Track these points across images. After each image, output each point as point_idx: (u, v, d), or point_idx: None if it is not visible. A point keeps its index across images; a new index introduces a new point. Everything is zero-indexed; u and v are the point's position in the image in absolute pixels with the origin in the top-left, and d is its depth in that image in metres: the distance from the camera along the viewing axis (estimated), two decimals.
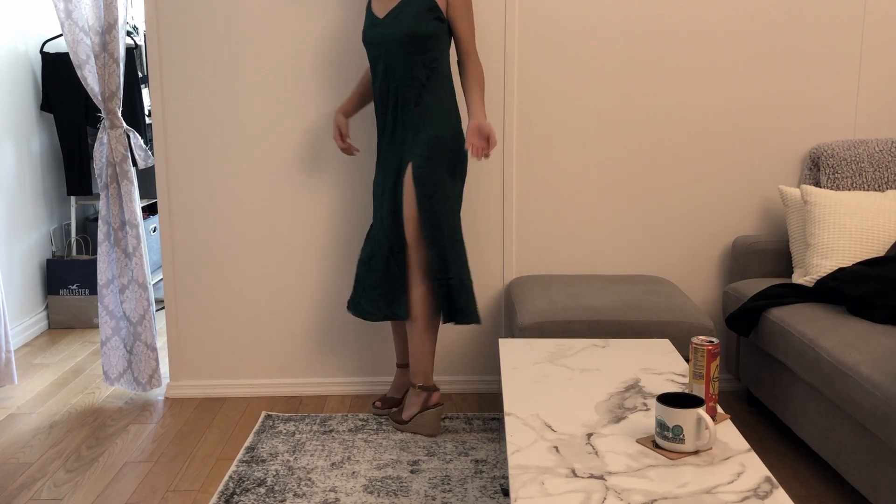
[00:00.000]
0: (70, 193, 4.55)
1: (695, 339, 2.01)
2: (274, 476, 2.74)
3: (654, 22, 3.28)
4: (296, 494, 2.62)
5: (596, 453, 1.84)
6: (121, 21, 3.21)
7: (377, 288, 3.02)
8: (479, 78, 2.93)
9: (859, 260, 2.89)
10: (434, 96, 2.89)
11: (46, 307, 4.50)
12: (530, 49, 3.29)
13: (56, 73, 4.36)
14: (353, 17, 3.24)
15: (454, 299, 2.94)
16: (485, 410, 3.28)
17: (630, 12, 3.28)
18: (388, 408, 3.21)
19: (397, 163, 2.95)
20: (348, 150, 3.13)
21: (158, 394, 3.51)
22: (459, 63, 2.96)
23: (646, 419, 2.00)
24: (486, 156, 2.76)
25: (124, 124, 3.32)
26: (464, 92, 2.95)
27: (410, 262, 2.95)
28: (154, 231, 4.85)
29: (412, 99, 2.88)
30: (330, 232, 3.41)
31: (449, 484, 2.68)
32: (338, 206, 3.39)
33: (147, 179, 4.42)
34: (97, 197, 4.56)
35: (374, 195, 3.09)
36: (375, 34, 2.91)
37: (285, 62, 3.29)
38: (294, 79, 3.30)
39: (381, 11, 2.91)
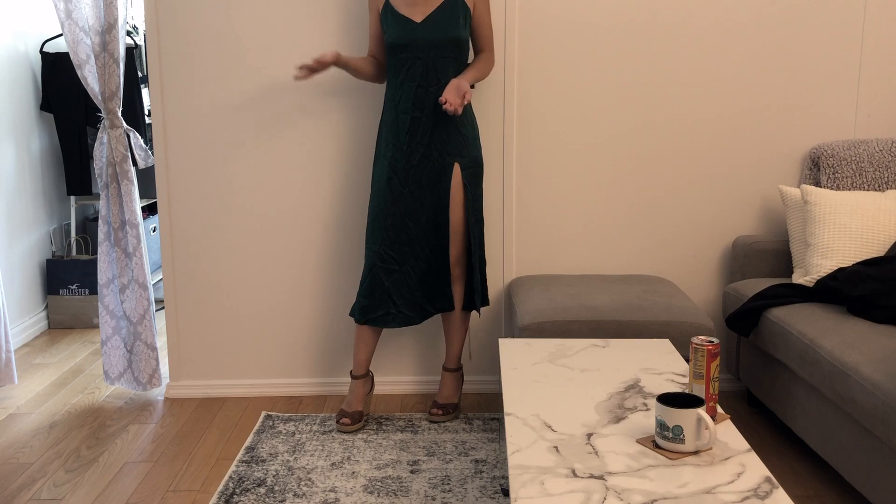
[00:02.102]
0: (70, 193, 4.55)
1: (695, 339, 2.01)
2: (274, 476, 2.74)
3: (654, 22, 3.28)
4: (296, 494, 2.62)
5: (596, 453, 1.83)
6: (121, 21, 3.21)
7: (418, 290, 3.07)
8: (486, 66, 3.11)
9: (859, 260, 2.89)
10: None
11: (46, 307, 4.50)
12: (530, 49, 3.29)
13: (56, 73, 4.36)
14: (352, 16, 3.25)
15: (483, 282, 3.19)
16: (485, 410, 3.28)
17: (629, 13, 3.28)
18: (358, 421, 3.10)
19: (440, 163, 3.00)
20: (310, 67, 2.94)
21: (158, 394, 3.51)
22: (477, 55, 3.13)
23: (646, 419, 2.00)
24: (457, 112, 2.88)
25: (124, 124, 3.32)
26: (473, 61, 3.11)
27: (453, 257, 3.07)
28: (154, 231, 4.85)
29: None
30: (330, 232, 3.41)
31: (449, 484, 2.68)
32: (337, 206, 3.39)
33: (147, 179, 4.42)
34: (97, 197, 4.56)
35: (390, 202, 3.01)
36: (414, 37, 2.93)
37: (285, 62, 3.28)
38: (294, 79, 3.29)
39: (415, 15, 2.96)
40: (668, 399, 1.84)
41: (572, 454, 1.83)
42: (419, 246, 3.03)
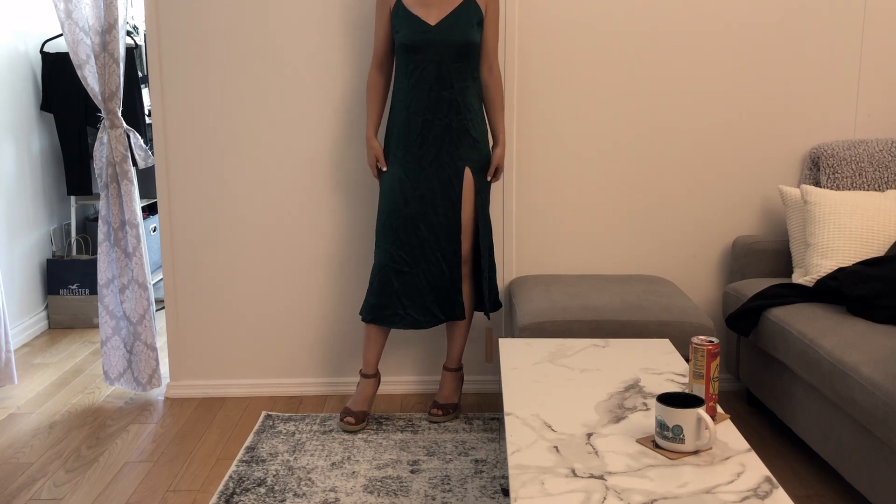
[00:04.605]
0: (70, 193, 4.55)
1: (695, 339, 2.01)
2: (274, 476, 2.74)
3: (654, 23, 3.28)
4: (296, 494, 2.62)
5: (596, 453, 1.84)
6: (121, 21, 3.21)
7: (428, 295, 3.05)
8: (502, 94, 3.13)
9: (859, 260, 2.89)
10: (478, 102, 3.07)
11: (46, 307, 4.50)
12: (530, 49, 3.29)
13: (56, 73, 4.36)
14: (354, 16, 3.25)
15: (494, 287, 3.20)
16: (485, 410, 3.28)
17: (629, 13, 3.28)
18: (362, 421, 3.10)
19: (451, 167, 3.00)
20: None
21: (158, 394, 3.51)
22: (481, 74, 3.07)
23: (646, 419, 2.00)
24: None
25: (124, 124, 3.32)
26: (488, 108, 3.12)
27: (463, 255, 3.07)
28: (154, 231, 4.85)
29: (468, 105, 3.01)
30: (330, 231, 3.41)
31: (449, 484, 2.68)
32: (338, 206, 3.39)
33: (147, 179, 4.42)
34: (97, 197, 4.56)
35: (401, 202, 3.00)
36: (427, 40, 2.92)
37: (286, 62, 3.29)
38: (294, 78, 3.30)
39: (430, 17, 2.94)
40: (668, 399, 1.84)
41: (572, 454, 1.83)
42: (430, 249, 3.02)
